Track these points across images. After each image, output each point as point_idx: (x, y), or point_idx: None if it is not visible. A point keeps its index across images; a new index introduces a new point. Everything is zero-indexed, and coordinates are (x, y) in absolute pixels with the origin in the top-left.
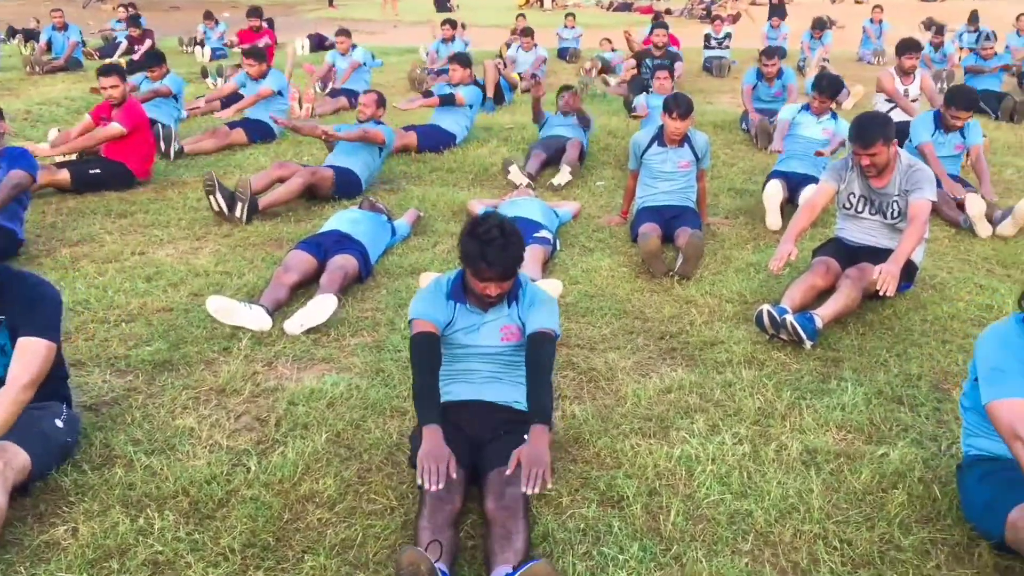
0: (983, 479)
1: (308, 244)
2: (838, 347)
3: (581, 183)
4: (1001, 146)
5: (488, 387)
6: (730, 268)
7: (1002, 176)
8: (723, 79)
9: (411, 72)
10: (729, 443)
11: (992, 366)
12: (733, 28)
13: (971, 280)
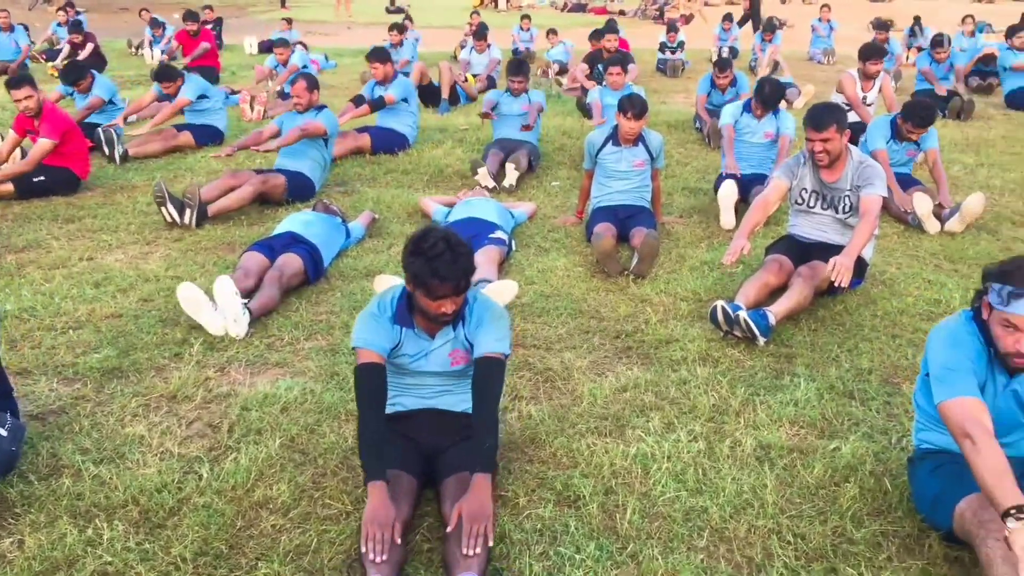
0: (933, 472)
1: (260, 246)
2: (791, 343)
3: (537, 183)
4: (948, 143)
5: (440, 399)
6: (684, 266)
7: (949, 172)
8: (676, 79)
9: (364, 74)
10: (684, 440)
11: (943, 365)
12: (686, 36)
13: (919, 276)
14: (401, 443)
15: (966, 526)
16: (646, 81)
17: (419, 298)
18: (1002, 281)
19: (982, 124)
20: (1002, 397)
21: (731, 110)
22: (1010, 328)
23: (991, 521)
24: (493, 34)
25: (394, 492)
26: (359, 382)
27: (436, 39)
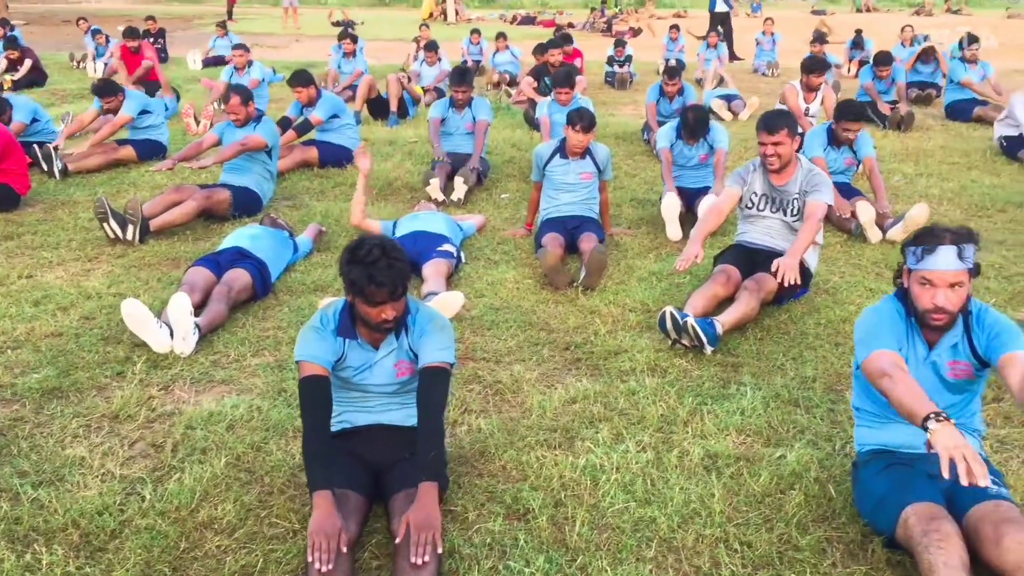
0: (880, 474)
1: (206, 261)
2: (737, 352)
3: (486, 196)
4: (888, 154)
5: (386, 414)
6: (633, 277)
7: (890, 182)
8: (625, 92)
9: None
10: (633, 451)
11: (864, 331)
12: (633, 50)
13: (862, 284)
14: (348, 461)
15: (910, 532)
16: (594, 93)
17: (359, 306)
18: (916, 244)
19: (921, 135)
20: (922, 368)
21: (666, 133)
22: (926, 284)
23: (935, 531)
24: (443, 47)
25: (342, 511)
26: (303, 394)
27: (386, 52)
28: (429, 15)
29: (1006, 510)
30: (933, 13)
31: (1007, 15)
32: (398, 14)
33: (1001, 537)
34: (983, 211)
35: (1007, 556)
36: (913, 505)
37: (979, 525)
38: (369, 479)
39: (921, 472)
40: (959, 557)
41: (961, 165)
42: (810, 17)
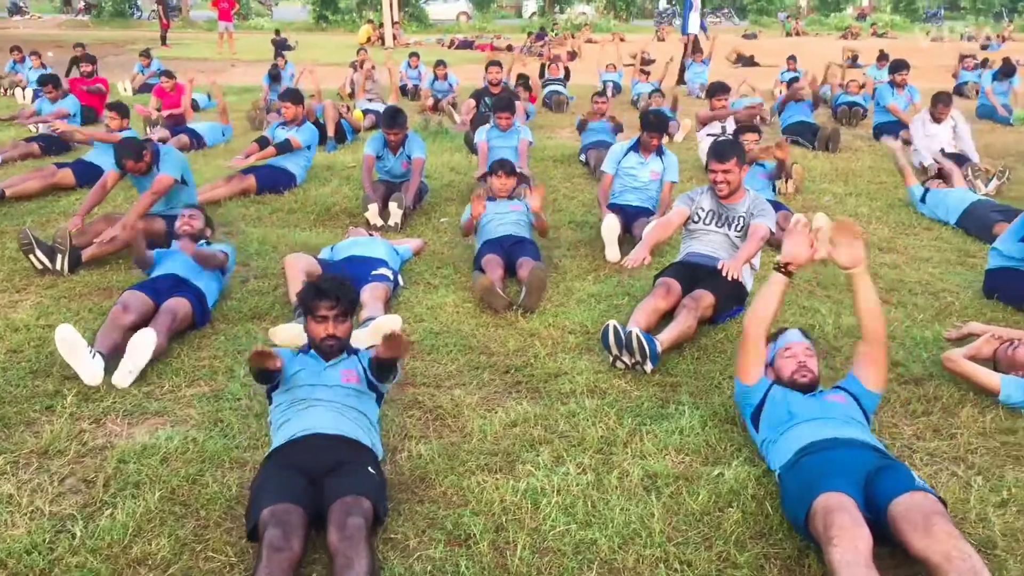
0: (794, 474)
1: (143, 287)
2: (675, 372)
3: (425, 220)
4: (819, 174)
5: (327, 420)
6: (572, 299)
7: (820, 202)
8: (562, 114)
9: (250, 112)
10: (573, 473)
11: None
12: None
13: (795, 302)
14: (287, 474)
15: (816, 526)
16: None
17: (309, 323)
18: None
19: (850, 155)
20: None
21: (616, 154)
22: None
23: (832, 526)
24: (381, 71)
25: (285, 529)
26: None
27: (322, 76)
28: (367, 39)
29: (934, 502)
30: (859, 36)
31: (930, 38)
32: (335, 38)
33: (931, 527)
34: (910, 229)
35: (937, 547)
36: (819, 498)
37: (907, 514)
38: (309, 491)
39: (834, 461)
40: (855, 550)
41: (889, 185)
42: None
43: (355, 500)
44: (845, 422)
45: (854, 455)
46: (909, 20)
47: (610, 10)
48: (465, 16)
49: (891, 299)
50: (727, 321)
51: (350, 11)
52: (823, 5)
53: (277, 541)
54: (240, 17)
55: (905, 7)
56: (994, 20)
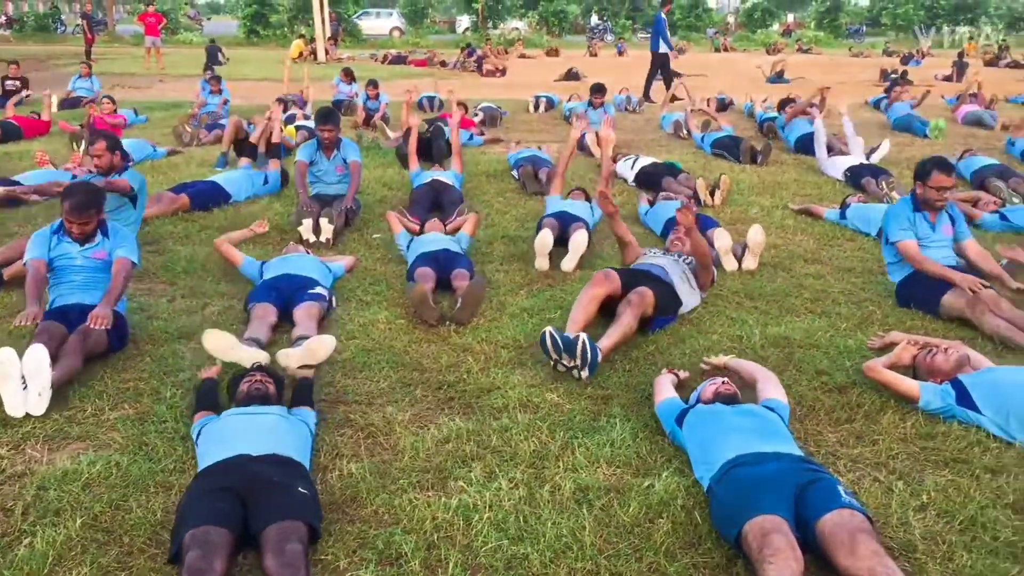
0: (725, 487)
1: (54, 314)
2: (607, 385)
3: (357, 236)
4: (746, 187)
5: (256, 440)
6: (505, 314)
7: (748, 214)
8: (495, 129)
9: (177, 128)
10: (505, 488)
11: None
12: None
13: (723, 313)
14: (213, 496)
15: (748, 548)
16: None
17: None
18: None
19: (776, 168)
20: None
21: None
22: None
23: (767, 547)
24: (314, 87)
25: (206, 550)
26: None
27: (253, 92)
28: (299, 54)
29: (860, 519)
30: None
31: (851, 54)
32: (266, 53)
33: (856, 545)
34: (834, 240)
35: (861, 563)
36: (751, 521)
37: (834, 531)
38: (238, 512)
39: (764, 478)
40: (790, 570)
41: (813, 197)
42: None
43: (292, 525)
44: (770, 432)
45: (782, 469)
46: (832, 36)
47: (543, 26)
48: (398, 31)
49: (816, 309)
50: (658, 331)
51: (281, 26)
52: (750, 22)
53: (197, 563)
54: (168, 32)
55: (828, 24)
56: (913, 36)
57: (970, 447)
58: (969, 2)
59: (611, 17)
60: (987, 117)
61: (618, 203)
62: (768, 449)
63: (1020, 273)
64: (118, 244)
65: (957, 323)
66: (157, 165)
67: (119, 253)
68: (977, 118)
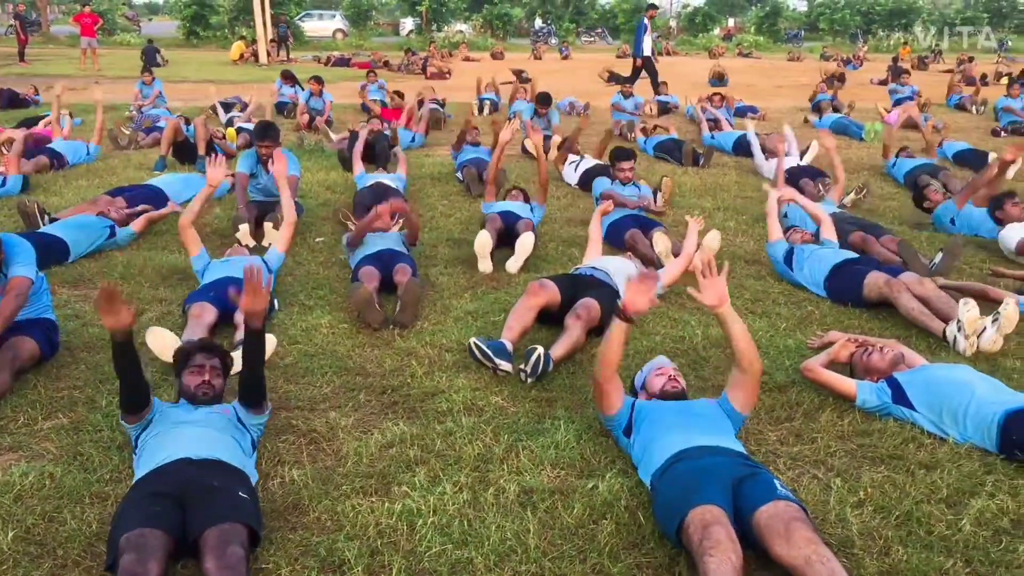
0: (667, 482)
1: None
2: (551, 387)
3: (300, 240)
4: (688, 189)
5: (196, 444)
6: (449, 317)
7: (690, 216)
8: (440, 132)
9: (114, 130)
10: (450, 492)
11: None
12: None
13: (666, 315)
14: (150, 501)
15: (689, 539)
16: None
17: (183, 376)
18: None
19: (718, 171)
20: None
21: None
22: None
23: (708, 538)
24: (255, 89)
25: (141, 554)
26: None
27: (193, 94)
28: (239, 56)
29: (795, 509)
30: (723, 54)
31: (788, 58)
32: (207, 55)
33: (792, 533)
34: None
35: (797, 552)
36: (692, 511)
37: (769, 522)
38: (174, 515)
39: (705, 470)
40: (730, 562)
41: (754, 199)
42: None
43: (232, 527)
44: (712, 429)
45: (721, 463)
46: (772, 41)
47: (487, 29)
48: (341, 33)
49: (756, 310)
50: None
51: (222, 27)
52: (692, 26)
53: (132, 567)
54: (104, 32)
55: (768, 28)
56: (850, 41)
57: (905, 444)
58: (903, 7)
59: (555, 21)
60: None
61: (562, 206)
62: (708, 443)
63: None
64: (12, 262)
65: (892, 323)
66: (93, 168)
67: (14, 271)
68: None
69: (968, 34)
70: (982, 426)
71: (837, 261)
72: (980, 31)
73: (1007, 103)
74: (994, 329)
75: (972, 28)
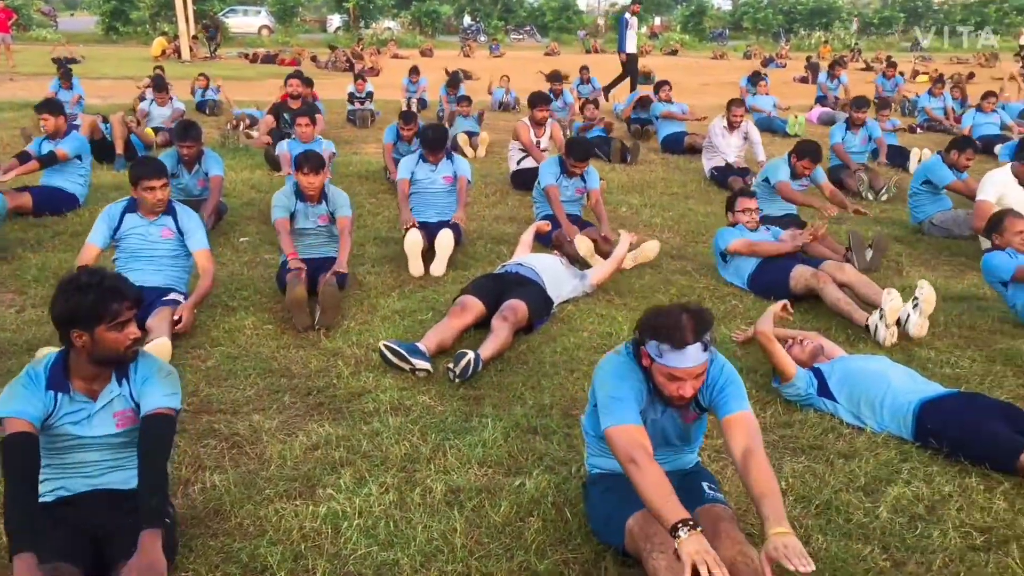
0: (605, 492)
1: None
2: (479, 385)
3: (224, 240)
4: (616, 186)
5: (105, 476)
6: (376, 316)
7: (617, 213)
8: (367, 130)
9: (25, 129)
10: (376, 493)
11: (609, 395)
12: (374, 87)
13: (593, 311)
14: (62, 531)
15: (635, 541)
16: (337, 132)
17: (101, 337)
18: (659, 337)
19: (645, 167)
20: (663, 420)
21: (407, 163)
22: (674, 379)
23: (655, 535)
24: (177, 86)
25: None
26: (6, 453)
27: (112, 91)
28: (161, 52)
29: (720, 511)
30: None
31: (713, 56)
32: (127, 51)
33: (718, 536)
34: (699, 237)
35: (723, 554)
36: (635, 515)
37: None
38: (87, 549)
39: None
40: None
41: (680, 195)
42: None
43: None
44: (693, 446)
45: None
46: (697, 39)
47: (415, 26)
48: (267, 30)
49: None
50: (533, 332)
51: (143, 23)
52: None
53: None
54: (20, 28)
55: (693, 27)
56: (773, 40)
57: (825, 434)
58: (824, 7)
59: (484, 18)
60: (838, 116)
61: (491, 203)
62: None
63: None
64: None
65: (813, 315)
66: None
67: None
68: (831, 117)
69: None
70: (898, 415)
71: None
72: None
73: (927, 103)
74: (916, 314)
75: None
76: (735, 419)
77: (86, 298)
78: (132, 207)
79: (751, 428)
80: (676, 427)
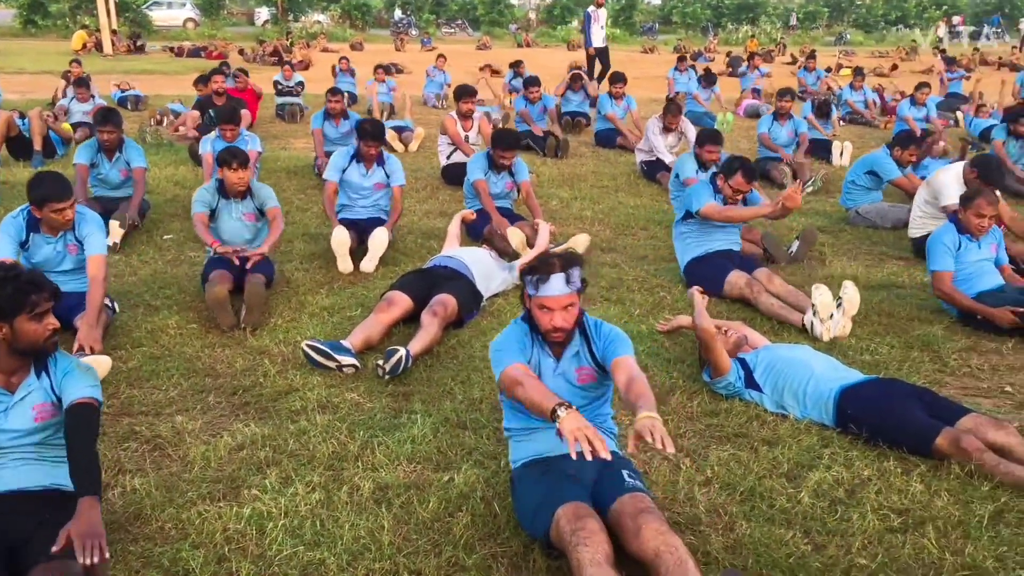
0: (532, 485)
1: None
2: (408, 381)
3: (147, 238)
4: (547, 180)
5: (20, 474)
6: (304, 313)
7: (548, 205)
8: (296, 124)
9: None
10: (302, 493)
11: (496, 350)
12: (304, 77)
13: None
14: None
15: (560, 533)
16: (265, 127)
17: (20, 328)
18: (532, 274)
19: (576, 161)
20: (554, 378)
21: (337, 161)
22: (544, 309)
23: (581, 529)
24: (97, 81)
25: None
26: None
27: (29, 86)
28: (82, 46)
29: (640, 500)
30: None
31: (643, 50)
32: (46, 45)
33: (640, 528)
34: (628, 229)
35: (646, 545)
36: (562, 507)
37: (620, 519)
38: (6, 557)
39: (567, 474)
40: (603, 552)
41: (610, 188)
42: (476, 51)
43: (62, 564)
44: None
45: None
46: (628, 33)
47: (345, 19)
48: (192, 23)
49: (611, 296)
50: (466, 327)
51: (63, 16)
52: (550, 18)
53: None
54: None
55: (624, 21)
56: (702, 34)
57: (750, 422)
58: (751, 2)
59: (415, 12)
60: (763, 109)
61: (421, 198)
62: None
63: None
64: None
65: (740, 304)
66: None
67: None
68: (755, 110)
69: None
70: (820, 402)
71: (699, 253)
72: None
73: (849, 95)
74: (840, 313)
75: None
76: (621, 360)
77: (5, 290)
78: (34, 225)
79: (635, 367)
80: (571, 385)
